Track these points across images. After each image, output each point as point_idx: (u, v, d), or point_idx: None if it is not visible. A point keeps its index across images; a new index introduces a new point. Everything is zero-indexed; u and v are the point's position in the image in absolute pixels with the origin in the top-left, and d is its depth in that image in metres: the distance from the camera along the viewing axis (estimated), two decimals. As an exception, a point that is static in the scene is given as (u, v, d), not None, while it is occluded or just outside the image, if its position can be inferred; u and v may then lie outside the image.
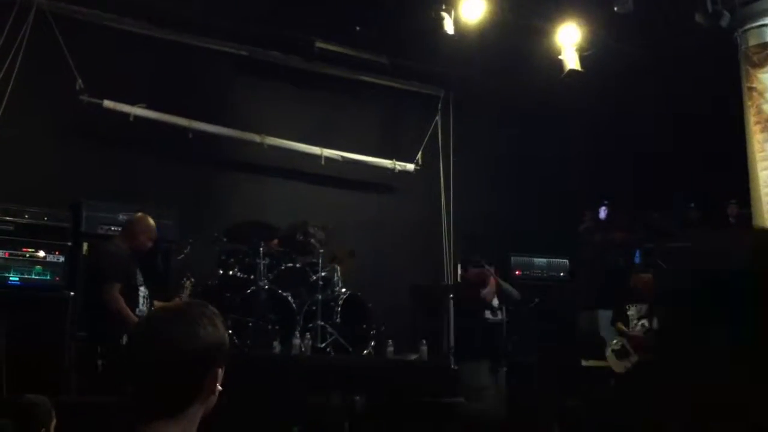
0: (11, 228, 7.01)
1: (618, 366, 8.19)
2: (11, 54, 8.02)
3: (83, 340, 6.41)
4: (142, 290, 6.28)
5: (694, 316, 1.42)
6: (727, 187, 9.65)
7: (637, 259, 10.43)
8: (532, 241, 10.10)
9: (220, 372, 1.81)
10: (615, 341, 8.34)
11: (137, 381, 1.78)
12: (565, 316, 9.40)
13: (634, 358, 8.06)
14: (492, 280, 8.09)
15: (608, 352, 8.38)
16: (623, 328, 8.26)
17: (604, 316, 9.79)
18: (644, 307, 8.27)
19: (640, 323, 8.22)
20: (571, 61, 8.78)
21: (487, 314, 7.97)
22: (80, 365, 6.39)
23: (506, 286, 8.21)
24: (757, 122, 8.15)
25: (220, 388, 1.81)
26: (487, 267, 8.16)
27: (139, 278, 6.30)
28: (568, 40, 8.79)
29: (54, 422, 3.92)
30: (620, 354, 8.20)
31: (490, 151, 11.02)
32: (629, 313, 8.32)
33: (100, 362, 5.98)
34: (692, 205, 10.31)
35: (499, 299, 8.07)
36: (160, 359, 1.73)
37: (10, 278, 6.85)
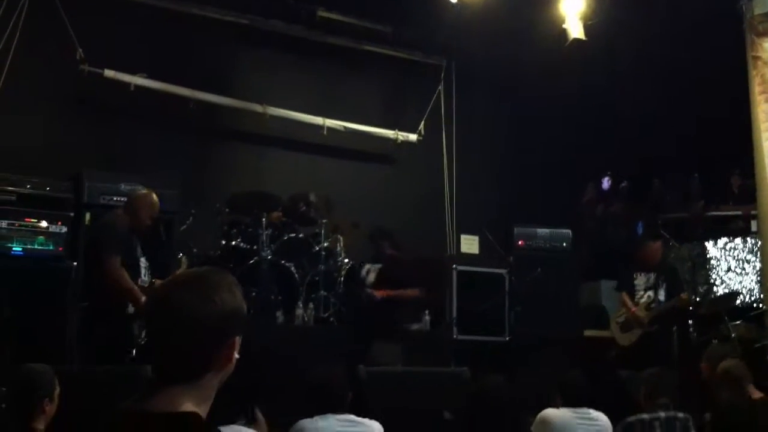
0: (13, 198, 7.01)
1: (622, 339, 8.17)
2: (11, 24, 7.96)
3: (85, 310, 6.42)
4: (143, 261, 6.28)
5: None
6: (731, 157, 9.62)
7: (639, 230, 10.43)
8: (534, 211, 10.08)
9: (237, 340, 1.79)
10: (619, 313, 8.32)
11: (153, 346, 1.78)
12: (567, 287, 9.40)
13: (638, 331, 8.05)
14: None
15: (612, 324, 8.38)
16: (627, 300, 8.23)
17: (606, 286, 9.80)
18: (652, 277, 8.22)
19: (646, 294, 8.18)
20: (575, 30, 8.68)
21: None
22: (82, 335, 6.40)
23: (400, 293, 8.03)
24: (762, 92, 8.08)
25: (237, 356, 1.80)
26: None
27: (139, 250, 6.29)
28: (572, 8, 8.69)
29: (57, 391, 3.93)
30: (624, 326, 8.19)
31: (493, 121, 10.98)
32: (636, 282, 8.27)
33: (102, 332, 6.00)
34: (696, 175, 10.28)
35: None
36: (174, 324, 1.72)
37: (13, 248, 6.84)
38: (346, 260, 8.39)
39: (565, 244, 9.70)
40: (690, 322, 8.78)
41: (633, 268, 8.38)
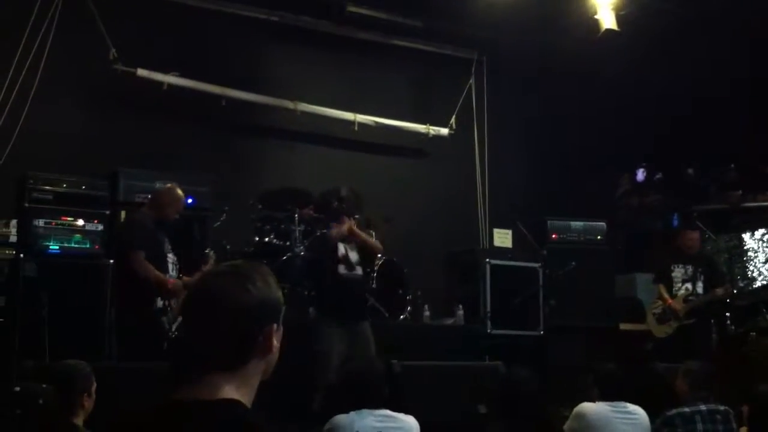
0: (50, 197, 7.07)
1: (659, 330, 8.10)
2: (45, 24, 8.06)
3: (118, 307, 6.48)
4: (171, 257, 6.31)
5: None
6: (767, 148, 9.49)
7: (675, 222, 10.33)
8: (568, 204, 10.01)
9: (278, 330, 1.82)
10: (656, 305, 8.24)
11: (192, 335, 1.79)
12: (602, 280, 9.32)
13: (675, 323, 7.97)
14: (344, 228, 6.96)
15: (648, 316, 8.29)
16: (664, 293, 8.15)
17: (642, 279, 9.71)
18: (690, 269, 8.14)
19: (684, 286, 8.10)
20: (607, 20, 8.62)
21: (341, 269, 6.84)
22: (119, 331, 6.46)
23: (367, 238, 7.21)
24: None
25: (277, 345, 1.81)
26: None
27: (167, 246, 6.33)
28: (605, -1, 8.63)
29: (94, 386, 3.98)
30: (661, 318, 8.11)
31: (525, 114, 10.90)
32: (674, 274, 8.20)
33: (133, 328, 6.05)
34: (732, 165, 10.15)
35: (360, 253, 7.04)
36: (213, 311, 1.75)
37: (50, 247, 6.92)
38: (379, 255, 8.37)
39: (599, 237, 9.62)
40: (727, 314, 8.67)
41: (670, 260, 8.30)
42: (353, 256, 6.97)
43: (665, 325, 8.06)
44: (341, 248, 6.97)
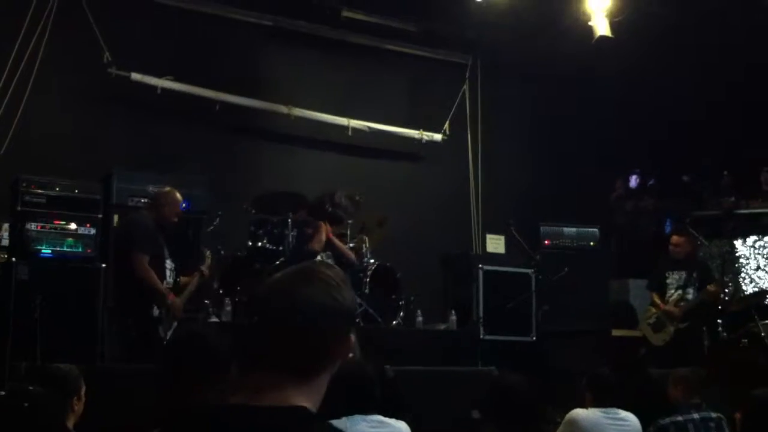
0: (43, 201, 7.05)
1: (657, 339, 8.11)
2: (40, 27, 8.05)
3: (114, 311, 6.47)
4: (169, 263, 6.30)
5: None
6: (761, 153, 9.52)
7: (668, 227, 10.35)
8: (561, 209, 10.02)
9: (352, 338, 1.75)
10: (650, 314, 8.24)
11: (265, 340, 1.70)
12: (594, 285, 9.34)
13: (671, 329, 7.98)
14: (322, 237, 7.07)
15: (644, 325, 8.28)
16: (657, 300, 8.17)
17: (635, 285, 9.73)
18: (683, 275, 8.16)
19: (677, 292, 8.12)
20: (601, 27, 8.64)
21: None
22: (112, 335, 6.45)
23: (341, 246, 7.37)
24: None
25: (351, 354, 1.78)
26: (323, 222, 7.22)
27: (166, 251, 6.32)
28: (599, 5, 8.65)
29: (83, 389, 3.98)
30: (657, 326, 8.12)
31: (519, 119, 10.93)
32: (668, 281, 8.22)
33: (131, 333, 6.03)
34: (725, 172, 10.18)
35: (336, 262, 6.95)
36: (301, 320, 1.66)
37: (43, 251, 6.91)
38: (372, 260, 8.38)
39: (592, 243, 9.65)
40: (719, 320, 8.69)
41: (664, 267, 8.32)
42: None
43: (662, 333, 8.07)
44: (319, 258, 6.92)
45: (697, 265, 8.39)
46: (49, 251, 6.93)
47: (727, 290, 9.44)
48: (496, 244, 10.25)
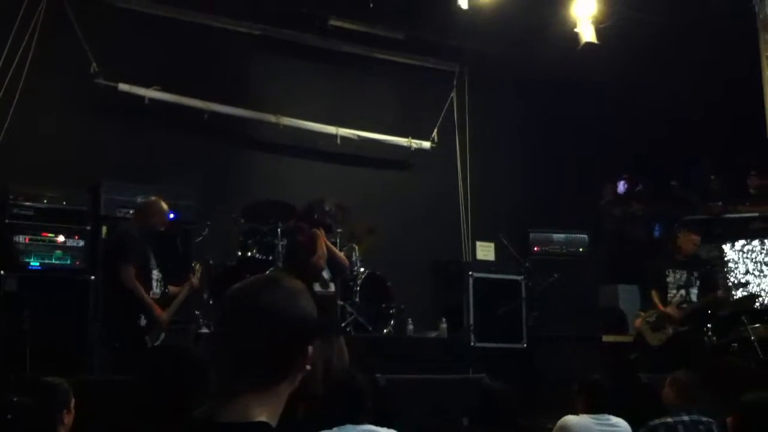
0: (31, 213, 7.05)
1: (654, 338, 8.04)
2: (26, 37, 8.02)
3: (103, 322, 6.44)
4: (155, 273, 6.27)
5: None
6: (749, 157, 9.56)
7: (657, 232, 10.39)
8: (550, 216, 10.05)
9: (311, 349, 1.74)
10: (650, 312, 8.14)
11: (231, 350, 1.70)
12: (584, 291, 9.36)
13: (670, 331, 7.94)
14: (322, 244, 6.86)
15: (642, 323, 8.17)
16: (656, 300, 8.07)
17: (624, 290, 9.76)
18: (684, 275, 8.10)
19: (678, 293, 8.05)
20: (587, 33, 8.67)
21: (316, 287, 6.79)
22: (101, 347, 6.42)
23: (336, 251, 7.23)
24: (777, 91, 8.04)
25: (309, 367, 1.74)
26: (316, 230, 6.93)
27: (153, 261, 6.30)
28: (584, 12, 8.68)
29: (73, 401, 3.96)
30: (656, 326, 8.06)
31: (507, 126, 10.95)
32: (668, 279, 8.10)
33: (117, 344, 6.01)
34: (712, 177, 10.23)
35: (330, 269, 6.94)
36: (262, 327, 1.67)
37: (31, 263, 6.89)
38: (362, 269, 8.38)
39: (581, 249, 9.69)
40: (709, 325, 8.70)
41: (664, 265, 8.24)
42: (325, 273, 6.85)
43: (660, 333, 7.98)
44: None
45: (698, 266, 8.31)
46: (38, 264, 6.91)
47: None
48: (486, 251, 10.27)
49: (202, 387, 2.72)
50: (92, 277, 6.90)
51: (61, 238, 7.05)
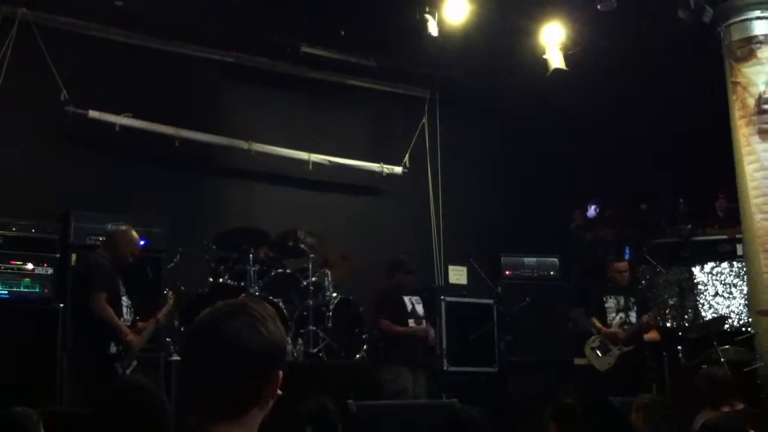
0: (-1, 241, 6.98)
1: (601, 363, 8.13)
2: (-5, 65, 8.00)
3: (72, 352, 6.37)
4: (125, 300, 6.22)
5: None
6: (716, 181, 9.69)
7: (627, 256, 10.47)
8: (521, 240, 10.12)
9: (280, 374, 1.74)
10: (593, 339, 8.30)
11: (196, 381, 1.69)
12: (556, 315, 9.41)
13: (616, 352, 8.04)
14: None
15: (588, 351, 8.31)
16: (598, 324, 8.24)
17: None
18: (622, 299, 8.28)
19: (618, 316, 8.22)
20: (555, 60, 8.80)
21: (411, 322, 7.92)
22: (71, 376, 6.35)
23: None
24: (742, 116, 8.18)
25: (279, 392, 1.74)
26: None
27: (122, 288, 6.25)
28: (552, 39, 8.82)
29: (42, 432, 3.91)
30: (601, 349, 8.17)
31: (478, 152, 11.05)
32: (607, 305, 8.29)
33: (85, 374, 5.95)
34: (681, 200, 10.36)
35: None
36: (225, 357, 1.66)
37: (-1, 292, 6.83)
38: (335, 294, 8.37)
39: (552, 273, 9.76)
40: (679, 347, 8.79)
41: (601, 292, 8.42)
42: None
43: (606, 356, 8.10)
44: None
45: (634, 291, 8.57)
46: (6, 292, 6.84)
47: (686, 316, 9.56)
48: (458, 275, 10.31)
49: (161, 421, 2.70)
50: (61, 305, 6.83)
51: (29, 266, 6.99)
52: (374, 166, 10.39)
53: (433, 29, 8.34)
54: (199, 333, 1.73)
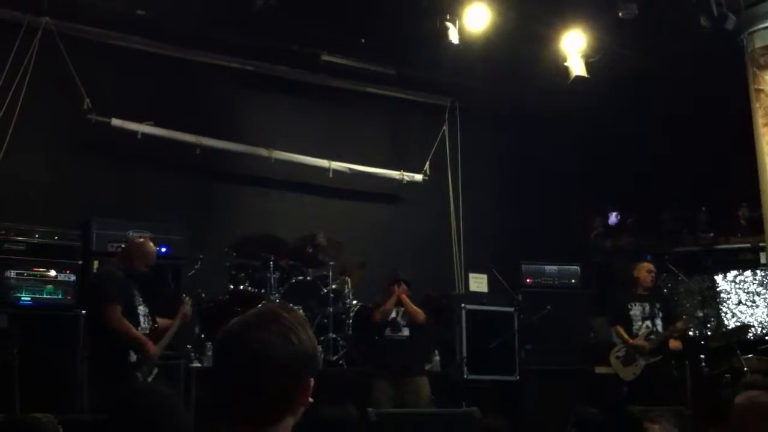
0: (22, 248, 7.03)
1: (626, 373, 8.07)
2: (19, 74, 8.07)
3: (89, 362, 6.38)
4: (141, 309, 6.19)
5: None
6: (738, 189, 9.62)
7: (648, 261, 10.40)
8: (542, 248, 10.07)
9: (312, 382, 1.74)
10: (618, 348, 8.23)
11: (225, 389, 1.69)
12: (577, 323, 9.36)
13: (642, 363, 7.97)
14: (392, 301, 7.80)
15: (612, 359, 8.25)
16: (623, 333, 8.15)
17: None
18: (647, 306, 8.17)
19: (644, 324, 8.11)
20: (576, 67, 8.76)
21: (387, 331, 7.70)
22: (91, 383, 6.36)
23: (412, 307, 7.88)
24: (765, 123, 8.13)
25: (311, 399, 1.74)
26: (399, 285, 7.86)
27: (138, 298, 6.24)
28: (573, 46, 8.78)
29: (62, 439, 3.92)
30: (626, 360, 8.10)
31: (499, 159, 11.03)
32: (632, 312, 8.18)
33: (106, 383, 5.94)
34: (703, 209, 10.28)
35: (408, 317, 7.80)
36: (255, 365, 1.66)
37: (22, 298, 6.87)
38: (354, 302, 8.38)
39: (573, 281, 9.69)
40: (702, 356, 8.70)
41: (626, 299, 8.32)
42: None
43: (632, 366, 8.03)
44: None
45: (659, 297, 8.48)
46: (29, 299, 6.89)
47: (709, 325, 9.47)
48: (479, 282, 10.28)
49: (175, 428, 2.71)
50: (83, 312, 6.87)
51: (52, 273, 7.04)
52: (394, 174, 10.40)
53: (454, 37, 8.33)
54: (228, 344, 1.72)
